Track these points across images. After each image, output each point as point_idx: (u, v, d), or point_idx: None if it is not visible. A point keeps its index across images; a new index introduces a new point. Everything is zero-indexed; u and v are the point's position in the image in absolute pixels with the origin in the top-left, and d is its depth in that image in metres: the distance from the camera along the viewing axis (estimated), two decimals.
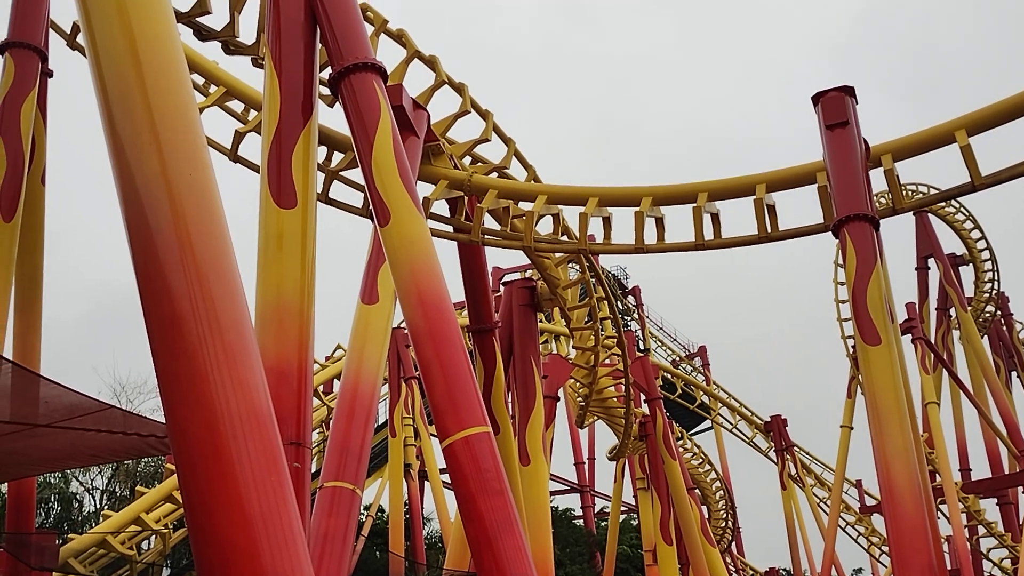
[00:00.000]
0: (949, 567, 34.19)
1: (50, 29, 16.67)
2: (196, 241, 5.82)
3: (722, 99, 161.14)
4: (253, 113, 17.50)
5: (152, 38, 6.20)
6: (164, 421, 5.92)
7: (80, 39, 16.37)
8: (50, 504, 36.42)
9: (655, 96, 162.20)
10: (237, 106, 17.88)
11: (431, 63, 17.15)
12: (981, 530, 40.89)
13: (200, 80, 17.65)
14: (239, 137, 17.31)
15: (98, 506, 37.87)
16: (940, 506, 34.16)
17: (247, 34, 15.38)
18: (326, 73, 13.19)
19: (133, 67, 6.06)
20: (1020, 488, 39.81)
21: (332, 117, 15.91)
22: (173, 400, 5.64)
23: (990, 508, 41.87)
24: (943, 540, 27.89)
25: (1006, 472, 40.82)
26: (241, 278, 6.06)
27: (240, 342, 5.78)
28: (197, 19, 14.82)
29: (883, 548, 48.07)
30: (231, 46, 15.28)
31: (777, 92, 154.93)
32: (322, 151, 16.73)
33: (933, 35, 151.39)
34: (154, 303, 5.75)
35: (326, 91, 14.30)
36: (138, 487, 27.96)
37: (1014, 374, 47.47)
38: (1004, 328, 47.83)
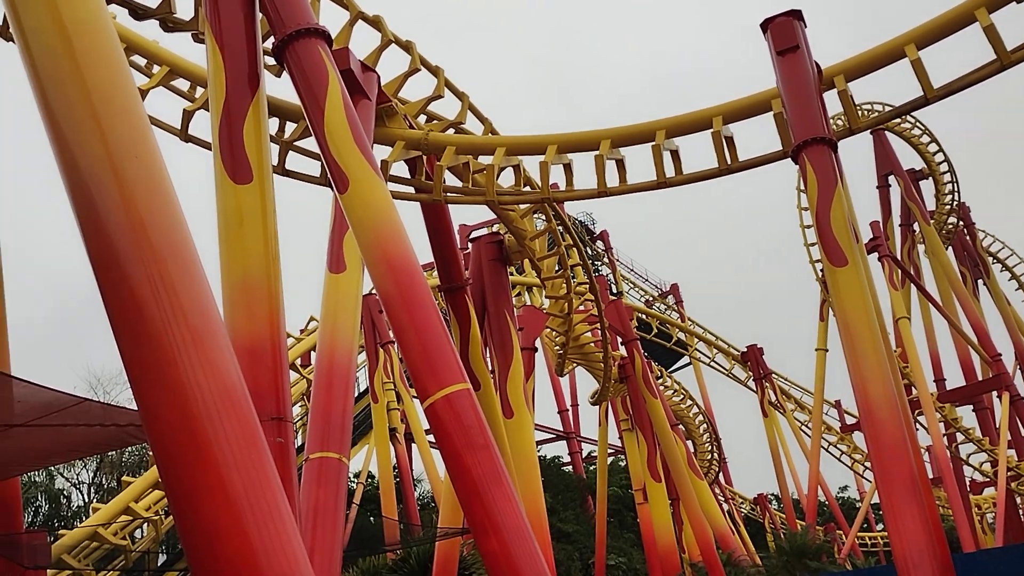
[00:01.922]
0: (931, 475, 35.03)
1: None
2: (149, 224, 5.71)
3: (676, 35, 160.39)
4: (200, 90, 17.17)
5: (83, 21, 6.02)
6: None
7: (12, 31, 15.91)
8: (38, 503, 36.31)
9: (606, 40, 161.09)
10: (183, 84, 17.53)
11: (376, 23, 16.87)
12: (960, 437, 41.78)
13: (142, 61, 17.26)
14: (188, 116, 17.00)
15: (87, 500, 37.82)
16: (918, 418, 34.89)
17: (184, 9, 15.03)
18: (270, 43, 12.96)
19: (67, 54, 5.89)
20: (994, 393, 40.64)
21: (281, 87, 15.67)
22: (143, 387, 5.56)
23: (967, 415, 42.78)
24: (923, 450, 28.45)
25: (979, 379, 41.66)
26: (200, 257, 5.97)
27: (205, 322, 5.70)
28: None
29: (866, 464, 49.09)
30: (169, 23, 14.93)
31: (730, 20, 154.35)
32: (274, 123, 16.49)
33: None
34: (113, 291, 5.66)
35: (271, 61, 14.07)
36: (124, 477, 27.91)
37: (980, 282, 48.20)
38: (967, 238, 48.45)
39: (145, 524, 25.44)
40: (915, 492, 12.75)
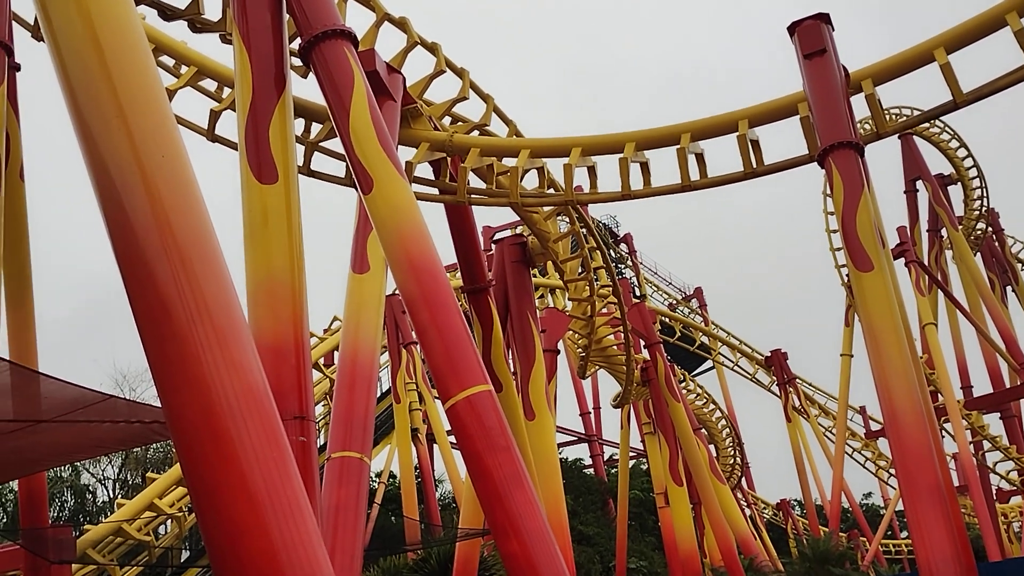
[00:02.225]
0: (956, 483, 34.66)
1: (13, 22, 16.38)
2: (175, 224, 5.76)
3: (697, 38, 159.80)
4: (227, 91, 17.30)
5: (111, 22, 6.08)
6: None
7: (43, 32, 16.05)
8: (63, 497, 36.68)
9: (630, 41, 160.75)
10: (210, 85, 17.66)
11: (402, 25, 16.93)
12: (986, 445, 41.31)
13: (170, 62, 17.41)
14: (215, 116, 17.13)
15: (111, 495, 38.19)
16: (944, 425, 34.52)
17: (212, 11, 15.18)
18: (296, 44, 13.04)
19: (95, 55, 5.95)
20: (1022, 401, 40.16)
21: (306, 88, 15.76)
22: (167, 386, 5.61)
23: (994, 423, 42.28)
24: (949, 457, 28.18)
25: (1007, 386, 41.15)
26: (225, 257, 6.01)
27: (229, 322, 5.74)
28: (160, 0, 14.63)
29: (891, 471, 48.67)
30: (197, 24, 15.07)
31: (752, 23, 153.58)
32: (299, 123, 16.58)
33: None
34: (139, 290, 5.71)
35: (298, 62, 14.15)
36: (149, 473, 28.13)
37: (1009, 289, 47.63)
38: (996, 244, 47.89)
39: (169, 520, 25.62)
40: (940, 500, 12.63)
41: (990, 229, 46.89)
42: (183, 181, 5.98)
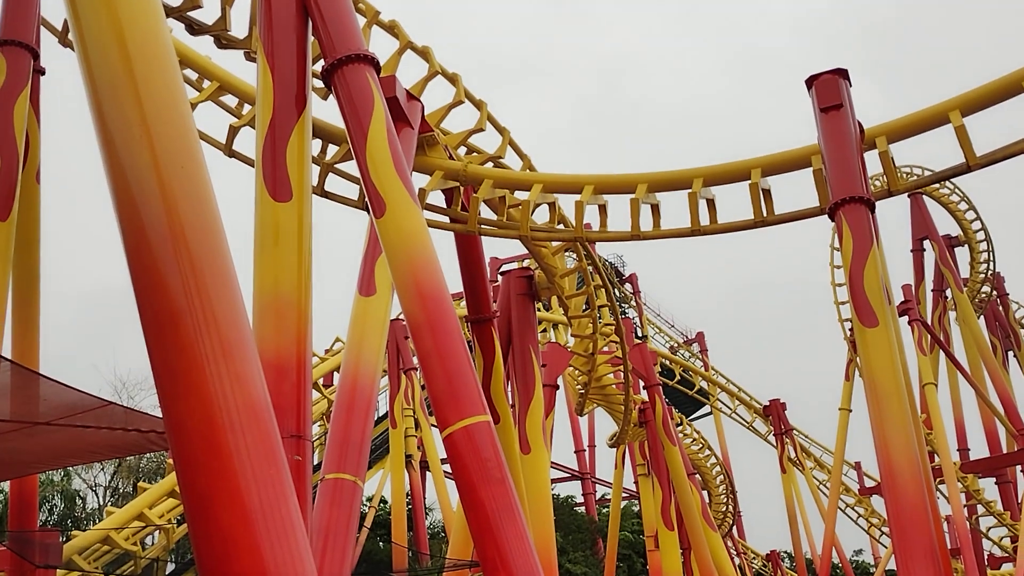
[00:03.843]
0: (949, 546, 34.37)
1: (41, 27, 16.59)
2: (190, 235, 5.80)
3: (714, 87, 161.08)
4: (247, 107, 17.44)
5: (141, 31, 6.16)
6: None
7: (71, 35, 16.27)
8: (53, 502, 36.55)
9: (647, 88, 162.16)
10: (231, 100, 17.81)
11: (424, 54, 17.10)
12: (980, 509, 41.04)
13: (194, 75, 17.58)
14: (233, 132, 17.26)
15: (101, 503, 38.03)
16: (939, 486, 34.31)
17: (239, 28, 15.36)
18: (319, 66, 13.18)
19: (122, 61, 6.02)
20: (1018, 467, 39.94)
21: (326, 109, 15.91)
22: (170, 395, 5.62)
23: (989, 487, 42.05)
24: (943, 520, 28.00)
25: (1004, 451, 40.98)
26: (236, 272, 6.05)
27: (236, 335, 5.76)
28: (188, 14, 14.82)
29: (883, 529, 48.34)
30: (223, 40, 15.24)
31: (768, 77, 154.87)
32: (316, 144, 16.70)
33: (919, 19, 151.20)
34: (149, 298, 5.73)
35: (319, 84, 14.30)
36: (140, 483, 28.07)
37: (1011, 354, 47.57)
38: (1000, 308, 47.93)
39: (157, 532, 25.50)
40: (934, 562, 12.53)
41: (995, 293, 46.96)
42: (200, 193, 6.03)
